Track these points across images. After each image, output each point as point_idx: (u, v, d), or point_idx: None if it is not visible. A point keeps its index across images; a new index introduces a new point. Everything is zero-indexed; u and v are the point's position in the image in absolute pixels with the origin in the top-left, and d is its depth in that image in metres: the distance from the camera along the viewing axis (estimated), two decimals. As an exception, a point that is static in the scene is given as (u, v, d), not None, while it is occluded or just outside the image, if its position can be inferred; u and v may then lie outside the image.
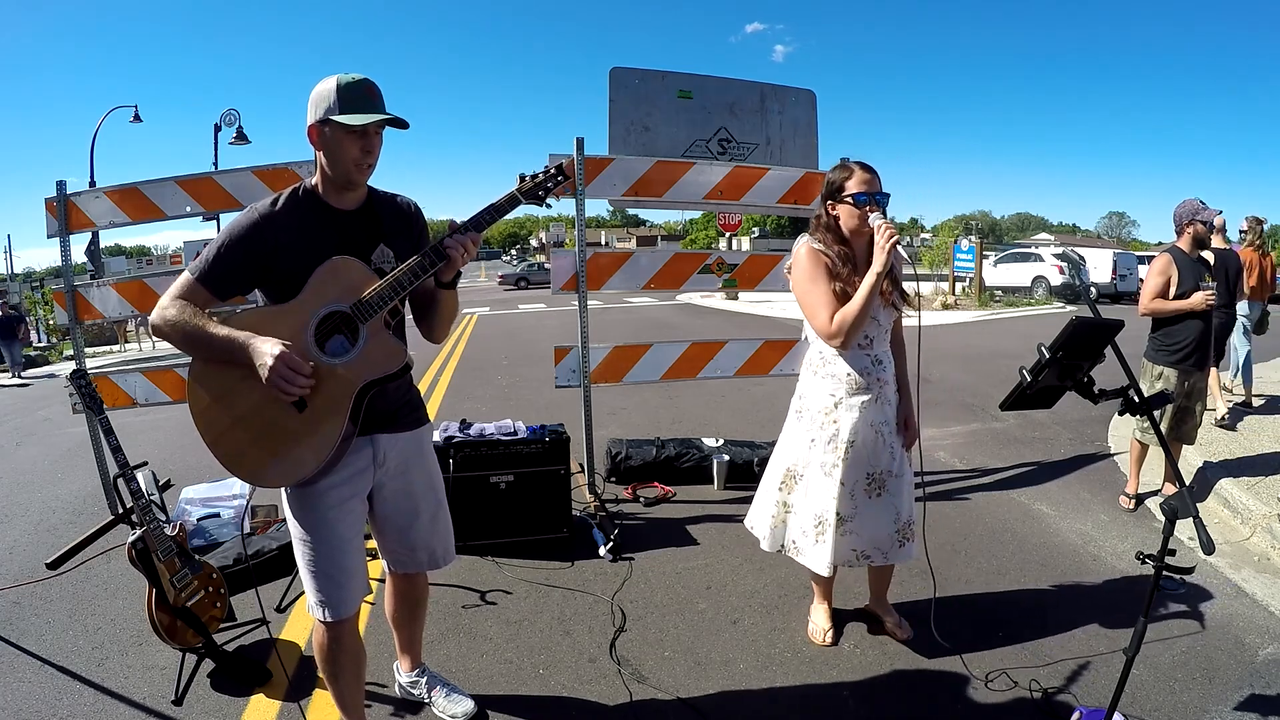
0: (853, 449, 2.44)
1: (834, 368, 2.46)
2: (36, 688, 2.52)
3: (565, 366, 4.13)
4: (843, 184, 2.37)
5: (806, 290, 2.39)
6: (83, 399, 2.71)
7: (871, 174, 2.36)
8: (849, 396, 2.44)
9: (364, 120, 1.69)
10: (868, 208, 2.31)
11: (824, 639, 2.72)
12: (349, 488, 1.87)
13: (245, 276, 1.78)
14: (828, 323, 2.32)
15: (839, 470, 2.44)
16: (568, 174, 1.92)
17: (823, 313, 2.34)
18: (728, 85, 4.52)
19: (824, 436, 2.48)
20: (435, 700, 2.33)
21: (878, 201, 2.32)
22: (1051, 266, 19.98)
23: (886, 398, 2.47)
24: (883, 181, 2.38)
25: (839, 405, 2.45)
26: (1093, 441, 5.48)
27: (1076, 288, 18.69)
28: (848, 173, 2.37)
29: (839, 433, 2.45)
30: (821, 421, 2.48)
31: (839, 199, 2.38)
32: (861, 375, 2.43)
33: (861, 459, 2.45)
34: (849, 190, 2.35)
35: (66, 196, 3.86)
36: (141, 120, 17.11)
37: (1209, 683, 2.45)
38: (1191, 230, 3.91)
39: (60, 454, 5.93)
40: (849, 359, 2.44)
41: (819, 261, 2.38)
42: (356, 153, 1.74)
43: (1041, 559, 3.44)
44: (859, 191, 2.33)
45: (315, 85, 1.74)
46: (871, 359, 2.45)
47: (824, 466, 2.48)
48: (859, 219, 2.33)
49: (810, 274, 2.38)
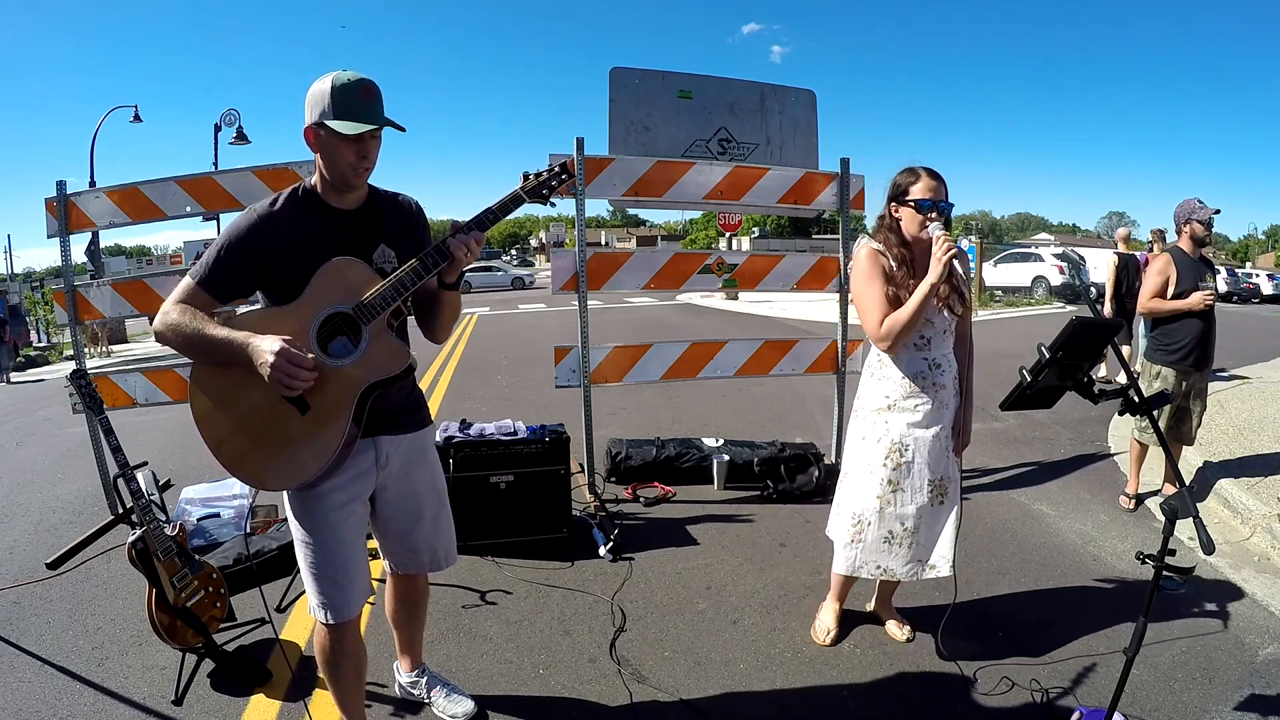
0: (905, 454, 2.43)
1: (889, 370, 2.46)
2: (36, 688, 2.52)
3: (565, 366, 4.13)
4: (908, 188, 2.38)
5: (861, 291, 2.42)
6: (83, 399, 2.70)
7: (938, 181, 2.37)
8: (902, 399, 2.43)
9: (356, 129, 1.66)
10: (930, 214, 2.33)
11: (825, 638, 2.72)
12: (351, 490, 1.86)
13: (246, 278, 1.77)
14: (877, 325, 2.36)
15: (885, 470, 2.44)
16: (571, 172, 1.91)
17: (874, 315, 2.37)
18: (728, 85, 4.52)
19: (874, 435, 2.48)
20: (435, 700, 2.32)
21: (941, 210, 2.34)
22: (1051, 266, 20.00)
23: (944, 402, 2.44)
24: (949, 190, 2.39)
25: (892, 408, 2.45)
26: (1093, 441, 5.48)
27: (1076, 288, 18.65)
28: (914, 177, 2.39)
29: (888, 433, 2.44)
30: (874, 421, 2.49)
31: (903, 202, 2.39)
32: (915, 379, 2.42)
33: (918, 463, 2.43)
34: (913, 195, 2.36)
35: (66, 196, 3.86)
36: (141, 120, 17.07)
37: (1209, 683, 2.45)
38: (1189, 230, 3.91)
39: (60, 454, 5.93)
40: (903, 362, 2.43)
41: (877, 263, 2.40)
42: (352, 157, 1.72)
43: (1041, 559, 3.44)
44: (923, 198, 2.34)
45: (312, 84, 1.71)
46: (929, 362, 2.43)
47: (869, 465, 2.48)
48: (919, 225, 2.35)
49: (867, 275, 2.40)
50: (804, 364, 4.48)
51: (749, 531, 3.80)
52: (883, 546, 2.48)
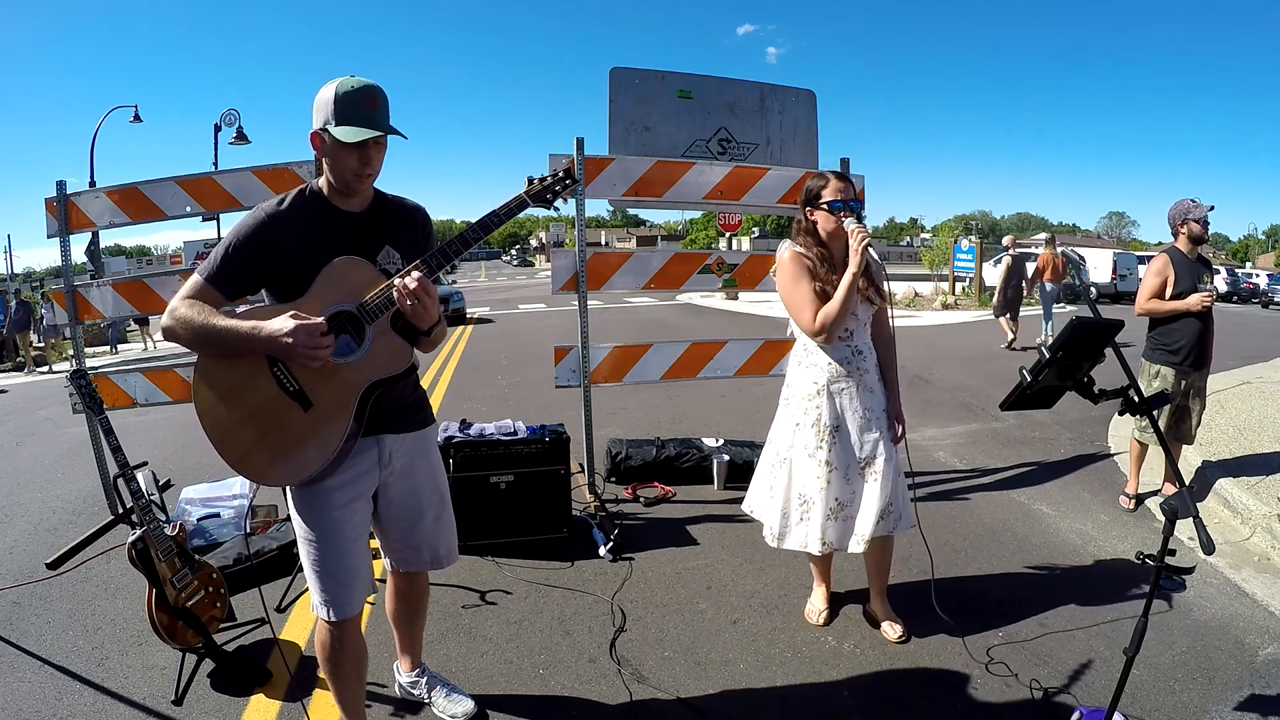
0: (837, 434, 2.59)
1: (816, 357, 2.64)
2: (36, 688, 2.52)
3: (565, 366, 4.13)
4: (819, 192, 2.58)
5: (791, 291, 2.59)
6: (83, 399, 2.70)
7: (846, 182, 2.56)
8: (830, 383, 2.61)
9: (357, 136, 1.68)
10: (842, 213, 2.52)
11: (819, 619, 2.86)
12: (354, 488, 1.87)
13: (252, 275, 1.79)
14: (812, 320, 2.52)
15: (822, 452, 2.59)
16: (575, 177, 1.92)
17: (807, 311, 2.54)
18: (727, 85, 4.52)
19: (808, 420, 2.63)
20: (435, 700, 2.33)
21: (851, 208, 2.53)
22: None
23: (868, 386, 2.63)
24: (856, 189, 2.61)
25: (820, 392, 2.62)
26: (1093, 441, 5.48)
27: (1076, 288, 18.68)
28: (824, 181, 2.59)
29: (821, 416, 2.60)
30: (805, 407, 2.64)
31: (816, 205, 2.59)
32: (841, 364, 2.61)
33: (849, 442, 2.60)
34: (825, 198, 2.56)
35: (66, 196, 3.87)
36: (141, 120, 17.08)
37: (1209, 683, 2.45)
38: (1185, 230, 3.91)
39: (60, 454, 5.93)
40: (829, 350, 2.62)
41: (801, 264, 2.59)
42: (354, 164, 1.75)
43: (1041, 559, 3.44)
44: (834, 199, 2.54)
45: (320, 88, 1.73)
46: (851, 350, 2.62)
47: (808, 448, 2.62)
48: (835, 224, 2.54)
49: (794, 275, 2.58)
50: (804, 364, 4.48)
51: (749, 531, 3.79)
52: (825, 523, 2.60)
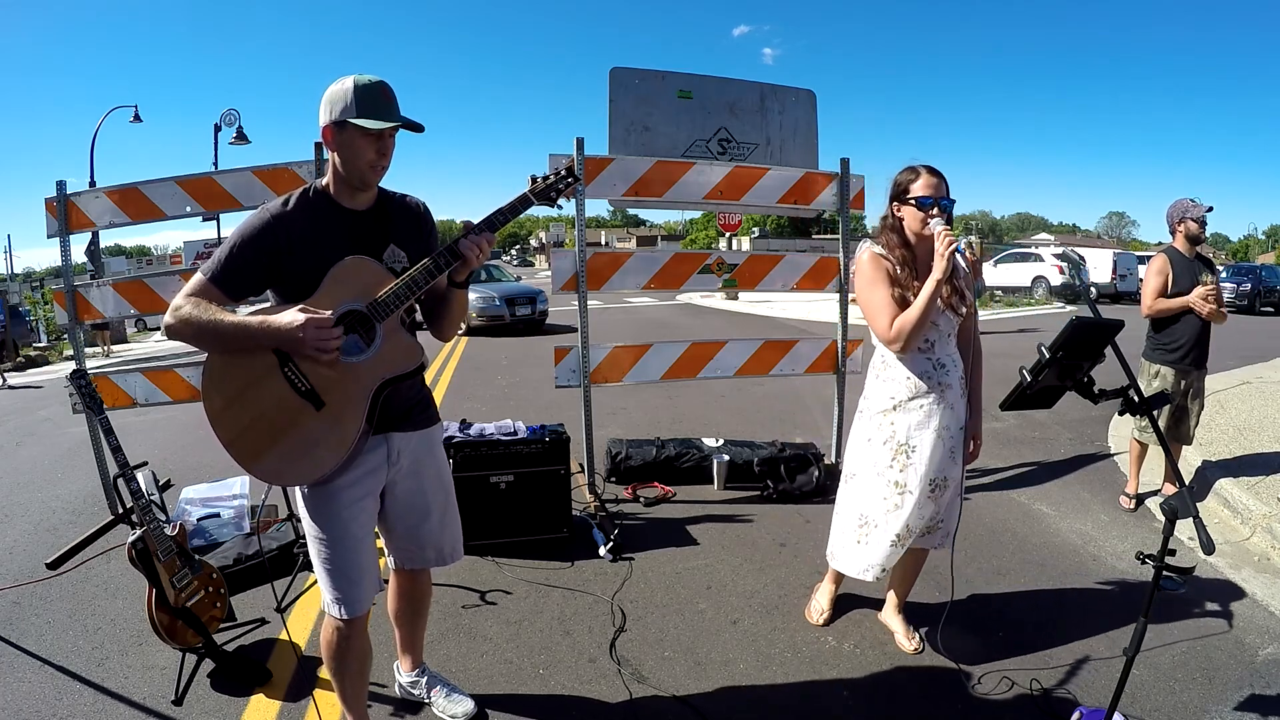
0: (910, 455, 2.42)
1: (894, 371, 2.45)
2: (36, 688, 2.52)
3: (565, 366, 4.13)
4: (908, 186, 2.37)
5: (866, 295, 2.41)
6: (83, 399, 2.70)
7: (938, 178, 2.36)
8: (908, 400, 2.43)
9: (381, 125, 1.71)
10: (930, 211, 2.31)
11: (820, 619, 2.80)
12: (363, 486, 1.88)
13: (257, 276, 1.78)
14: (887, 328, 2.34)
15: (892, 472, 2.44)
16: (577, 176, 1.93)
17: (883, 318, 2.35)
18: (727, 85, 4.52)
19: (880, 437, 2.47)
20: (435, 700, 2.33)
21: (942, 206, 2.31)
22: (1051, 266, 20.03)
23: (949, 402, 2.42)
24: (948, 185, 2.37)
25: (897, 408, 2.44)
26: (1093, 441, 5.48)
27: (1076, 288, 18.71)
28: (915, 175, 2.38)
29: (895, 434, 2.44)
30: (880, 422, 2.48)
31: (904, 200, 2.38)
32: (921, 379, 2.41)
33: (926, 465, 2.41)
34: (914, 193, 2.35)
35: (66, 196, 3.86)
36: (141, 120, 17.07)
37: (1209, 683, 2.45)
38: (1183, 229, 3.92)
39: (60, 454, 5.93)
40: (908, 362, 2.43)
41: (880, 266, 2.39)
42: (372, 155, 1.76)
43: (1041, 559, 3.44)
44: (924, 195, 2.33)
45: (330, 85, 1.75)
46: (933, 363, 2.41)
47: (877, 466, 2.47)
48: (921, 222, 2.33)
49: (871, 278, 2.40)
50: (804, 364, 4.49)
51: (749, 531, 3.80)
52: (888, 550, 2.48)
